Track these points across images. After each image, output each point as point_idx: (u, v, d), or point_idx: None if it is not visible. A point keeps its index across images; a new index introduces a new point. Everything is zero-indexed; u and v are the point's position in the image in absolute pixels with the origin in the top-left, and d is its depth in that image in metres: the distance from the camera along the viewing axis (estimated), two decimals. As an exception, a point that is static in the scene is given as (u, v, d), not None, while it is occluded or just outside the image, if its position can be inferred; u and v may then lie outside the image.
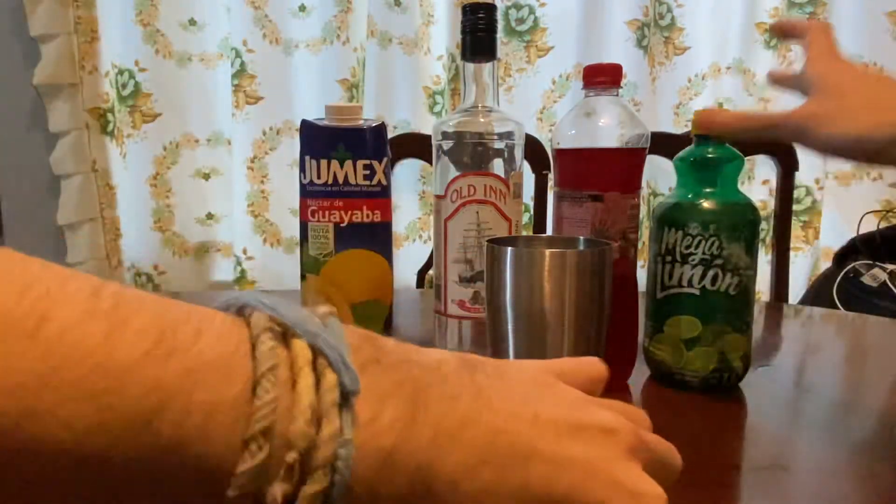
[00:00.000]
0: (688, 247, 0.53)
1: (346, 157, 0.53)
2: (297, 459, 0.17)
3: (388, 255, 0.57)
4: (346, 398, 0.18)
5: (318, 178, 0.54)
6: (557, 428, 0.21)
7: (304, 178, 0.55)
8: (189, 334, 0.17)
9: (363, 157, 0.54)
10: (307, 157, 0.55)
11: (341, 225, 0.54)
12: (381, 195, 0.55)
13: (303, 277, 0.55)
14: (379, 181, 0.55)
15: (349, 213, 0.54)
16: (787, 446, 0.46)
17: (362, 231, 0.55)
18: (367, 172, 0.54)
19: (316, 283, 0.55)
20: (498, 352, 0.41)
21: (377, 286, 0.56)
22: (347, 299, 0.54)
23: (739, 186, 0.54)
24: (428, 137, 0.58)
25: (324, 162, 0.54)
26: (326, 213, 0.55)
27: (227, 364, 0.17)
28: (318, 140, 0.54)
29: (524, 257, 0.39)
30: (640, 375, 0.57)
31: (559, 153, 0.55)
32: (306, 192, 0.55)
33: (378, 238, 0.56)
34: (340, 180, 0.54)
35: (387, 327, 0.58)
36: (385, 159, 0.55)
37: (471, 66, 0.55)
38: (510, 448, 0.20)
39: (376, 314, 0.56)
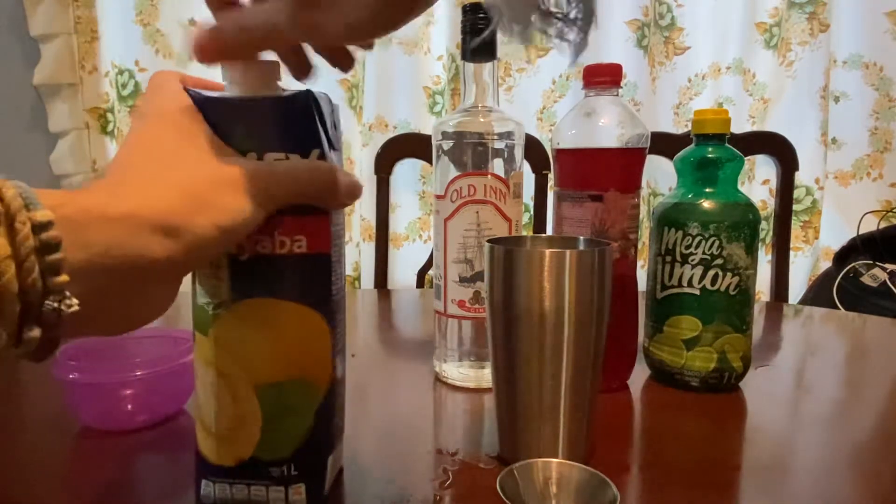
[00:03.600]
0: (688, 247, 0.53)
1: (247, 146, 0.30)
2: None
3: (324, 308, 0.33)
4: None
5: None
6: None
7: None
8: None
9: (276, 148, 0.31)
10: None
11: (240, 258, 0.31)
12: (309, 210, 0.32)
13: (193, 336, 0.34)
14: None
15: (254, 238, 0.31)
16: (787, 446, 0.46)
17: (276, 269, 0.32)
18: None
19: (205, 350, 0.33)
20: (498, 352, 0.41)
21: (302, 358, 0.33)
22: (251, 379, 0.32)
23: (739, 186, 0.54)
24: (428, 137, 0.58)
25: None
26: None
27: None
28: (207, 120, 0.31)
29: (524, 257, 0.39)
30: (640, 375, 0.57)
31: (559, 153, 0.55)
32: None
33: (305, 280, 0.33)
34: None
35: (325, 416, 0.34)
36: (318, 151, 0.32)
37: (471, 66, 0.55)
38: None
39: (301, 402, 0.33)
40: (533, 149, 1.10)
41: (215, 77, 0.34)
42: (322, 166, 0.31)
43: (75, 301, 0.22)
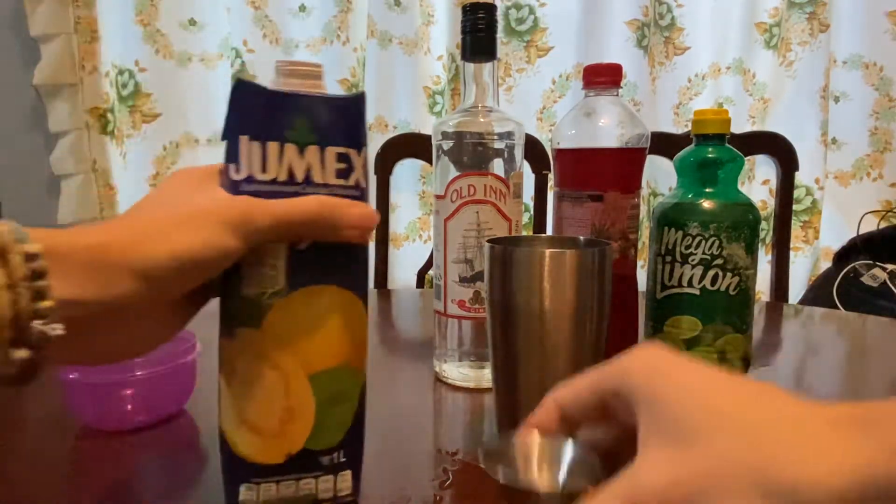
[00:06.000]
0: (688, 247, 0.53)
1: (309, 140, 0.32)
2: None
3: (363, 294, 0.35)
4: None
5: (264, 170, 0.32)
6: None
7: (238, 171, 0.32)
8: None
9: (338, 143, 0.33)
10: (244, 139, 0.32)
11: (300, 247, 0.33)
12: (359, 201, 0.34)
13: (229, 334, 0.33)
14: (357, 181, 0.34)
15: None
16: (787, 446, 0.46)
17: (333, 257, 0.33)
18: (343, 166, 0.33)
19: (256, 343, 0.32)
20: (497, 352, 0.41)
21: (349, 343, 0.34)
22: (305, 367, 0.33)
23: (739, 186, 0.54)
24: (428, 137, 0.58)
25: (273, 146, 0.32)
26: None
27: None
28: (266, 111, 0.32)
29: (524, 257, 0.39)
30: (640, 375, 0.57)
31: (559, 153, 0.55)
32: (241, 193, 0.32)
33: (355, 267, 0.35)
34: (300, 176, 0.32)
35: (364, 400, 0.36)
36: (364, 149, 0.34)
37: (471, 66, 0.55)
38: None
39: (349, 387, 0.35)
40: (533, 149, 1.10)
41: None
42: (327, 202, 0.31)
43: (60, 325, 0.23)
